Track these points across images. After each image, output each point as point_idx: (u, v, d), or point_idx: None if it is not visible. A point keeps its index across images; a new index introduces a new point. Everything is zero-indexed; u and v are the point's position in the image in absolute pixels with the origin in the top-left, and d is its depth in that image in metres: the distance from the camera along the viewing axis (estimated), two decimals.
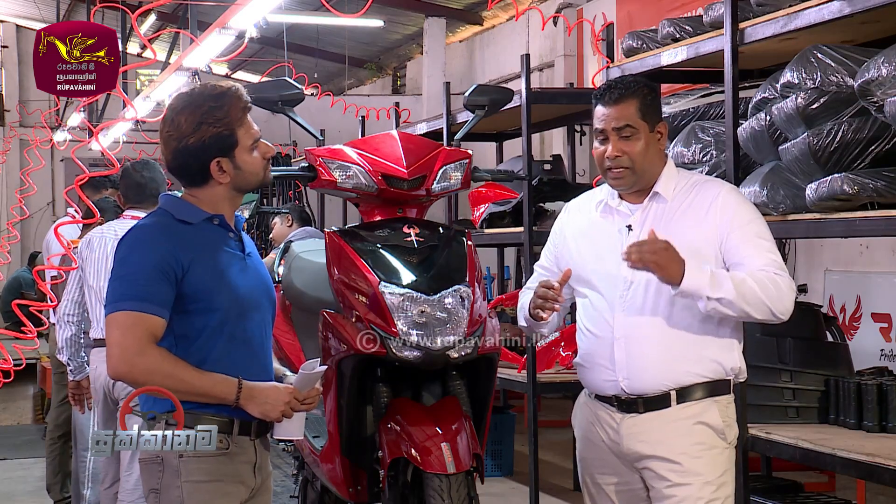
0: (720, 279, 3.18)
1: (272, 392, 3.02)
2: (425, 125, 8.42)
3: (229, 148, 3.04)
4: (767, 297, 3.21)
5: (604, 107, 3.38)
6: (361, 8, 7.49)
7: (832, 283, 8.91)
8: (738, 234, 3.30)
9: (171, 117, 3.04)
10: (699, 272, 3.17)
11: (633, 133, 3.34)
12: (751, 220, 3.34)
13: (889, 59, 3.79)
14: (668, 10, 9.45)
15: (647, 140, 3.35)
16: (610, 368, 3.36)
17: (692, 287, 3.16)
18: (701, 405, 3.32)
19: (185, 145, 3.02)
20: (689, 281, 3.16)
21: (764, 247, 3.31)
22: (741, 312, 3.21)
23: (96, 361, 5.31)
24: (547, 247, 3.68)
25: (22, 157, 18.55)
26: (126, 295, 2.94)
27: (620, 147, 3.34)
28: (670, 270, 3.15)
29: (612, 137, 3.35)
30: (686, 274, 3.15)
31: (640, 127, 3.34)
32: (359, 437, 3.96)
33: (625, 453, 3.38)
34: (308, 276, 4.79)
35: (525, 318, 3.52)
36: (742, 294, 3.18)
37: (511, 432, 8.30)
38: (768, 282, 3.22)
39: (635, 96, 3.36)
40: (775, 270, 3.26)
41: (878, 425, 4.27)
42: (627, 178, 3.36)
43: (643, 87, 3.41)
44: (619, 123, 3.34)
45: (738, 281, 3.20)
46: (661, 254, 3.15)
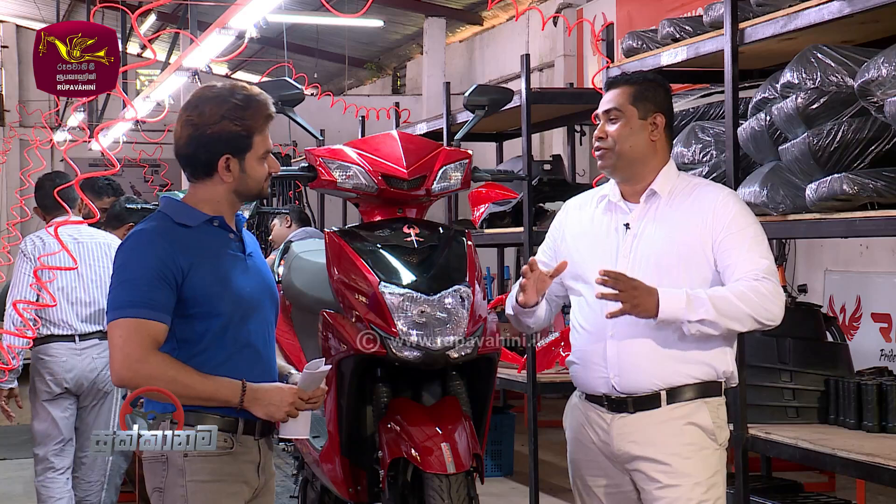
0: (697, 301, 3.18)
1: (276, 393, 3.02)
2: (425, 125, 8.42)
3: (242, 150, 3.05)
4: (750, 308, 3.20)
5: (605, 92, 3.49)
6: (361, 8, 7.48)
7: (832, 283, 8.91)
8: (732, 238, 3.30)
9: (197, 103, 3.04)
10: (673, 298, 3.17)
11: (619, 116, 3.41)
12: (747, 226, 3.34)
13: (889, 59, 3.79)
14: (668, 10, 9.45)
15: (633, 126, 3.40)
16: (602, 366, 3.36)
17: (670, 315, 3.18)
18: (691, 406, 3.32)
19: (201, 133, 3.02)
20: (666, 309, 3.17)
21: (756, 252, 3.30)
22: (725, 329, 3.23)
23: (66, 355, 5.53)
24: (545, 242, 3.67)
25: (22, 157, 18.53)
26: (127, 301, 2.95)
27: (605, 129, 3.42)
28: (645, 306, 3.16)
29: (603, 119, 3.44)
30: (661, 304, 3.16)
31: (627, 111, 3.40)
32: (359, 437, 3.96)
33: (615, 454, 3.37)
34: (308, 276, 4.79)
35: (512, 307, 3.51)
36: (721, 311, 3.18)
37: (511, 432, 8.30)
38: (749, 292, 3.21)
39: (633, 84, 3.44)
40: (759, 276, 3.24)
41: (878, 425, 4.27)
42: (608, 158, 3.42)
43: (648, 80, 3.48)
44: (607, 106, 3.44)
45: (717, 298, 3.20)
46: (630, 294, 3.15)
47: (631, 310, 3.17)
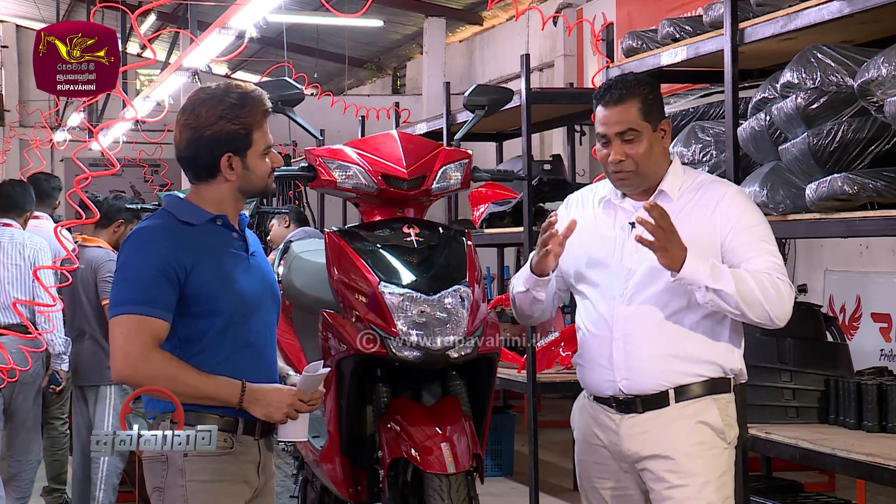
0: (720, 271, 3.17)
1: (276, 394, 3.02)
2: (425, 125, 8.42)
3: (243, 148, 3.05)
4: (766, 299, 3.19)
5: (604, 108, 3.33)
6: (361, 8, 7.48)
7: (832, 283, 8.91)
8: (742, 236, 3.28)
9: (192, 107, 3.04)
10: (700, 261, 3.15)
11: (636, 136, 3.29)
12: (756, 224, 3.32)
13: (889, 59, 3.78)
14: (668, 10, 9.45)
15: (650, 141, 3.31)
16: (608, 368, 3.35)
17: (691, 274, 3.14)
18: (700, 403, 3.31)
19: (200, 136, 3.02)
20: (689, 268, 3.14)
21: (766, 250, 3.29)
22: (737, 309, 3.19)
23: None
24: None
25: (22, 157, 18.51)
26: (129, 299, 2.95)
27: (624, 150, 3.30)
28: (673, 255, 3.13)
29: (615, 141, 3.30)
30: (687, 261, 3.14)
31: (643, 128, 3.30)
32: (359, 437, 3.96)
33: (624, 454, 3.36)
34: (308, 276, 4.79)
35: (525, 280, 3.42)
36: (741, 291, 3.16)
37: (511, 432, 8.30)
38: (769, 284, 3.20)
39: (636, 96, 3.31)
40: (777, 275, 3.24)
41: (878, 425, 4.27)
42: (632, 179, 3.34)
43: (644, 85, 3.37)
44: (621, 128, 3.29)
45: (739, 277, 3.18)
46: (666, 236, 3.12)
47: (659, 250, 3.12)
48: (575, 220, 3.29)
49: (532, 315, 3.53)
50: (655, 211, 3.12)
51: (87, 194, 5.85)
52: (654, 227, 3.11)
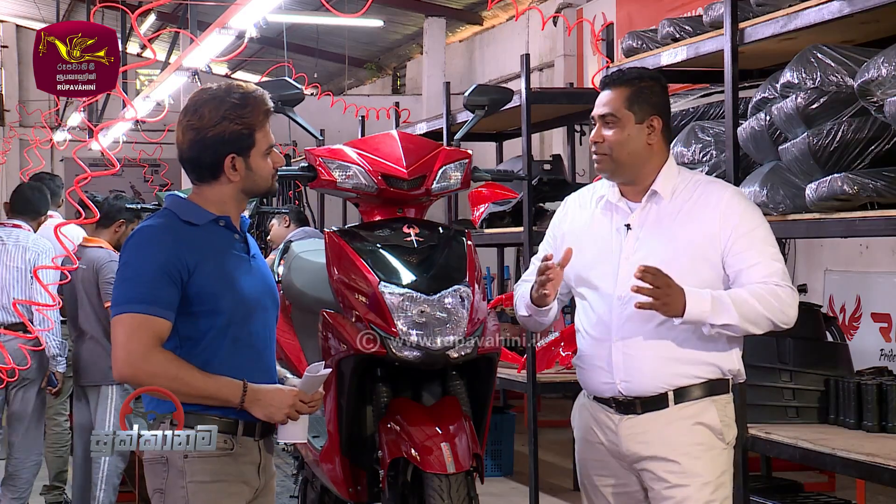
0: (722, 305, 3.19)
1: (277, 395, 3.02)
2: (425, 125, 8.42)
3: (246, 148, 3.05)
4: (770, 312, 3.22)
5: (600, 91, 3.43)
6: (361, 8, 7.48)
7: (832, 283, 8.90)
8: (743, 240, 3.28)
9: (195, 107, 3.03)
10: (699, 300, 3.17)
11: (615, 122, 3.35)
12: (756, 226, 3.33)
13: (889, 59, 3.78)
14: (668, 10, 9.45)
15: (630, 131, 3.34)
16: (607, 371, 3.35)
17: (695, 316, 3.18)
18: (699, 405, 3.32)
19: (203, 136, 3.02)
20: (693, 312, 3.17)
21: (768, 254, 3.30)
22: (744, 331, 3.25)
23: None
24: (546, 240, 3.64)
25: (22, 157, 18.52)
26: (131, 297, 2.94)
27: (602, 133, 3.37)
28: (674, 305, 3.16)
29: (598, 123, 3.39)
30: (688, 305, 3.16)
31: (624, 117, 3.34)
32: (359, 437, 3.96)
33: (624, 454, 3.37)
34: (308, 276, 4.79)
35: (527, 307, 3.47)
36: (743, 314, 3.20)
37: (511, 432, 8.30)
38: (770, 296, 3.22)
39: (629, 86, 3.36)
40: (777, 281, 3.25)
41: (878, 425, 4.26)
42: (606, 163, 3.38)
43: (644, 79, 3.40)
44: (602, 111, 3.38)
45: (740, 302, 3.20)
46: (664, 291, 3.14)
47: (661, 307, 3.16)
48: (571, 249, 3.32)
49: (544, 324, 3.58)
50: (648, 276, 3.14)
51: (87, 194, 5.85)
52: (650, 290, 3.15)
